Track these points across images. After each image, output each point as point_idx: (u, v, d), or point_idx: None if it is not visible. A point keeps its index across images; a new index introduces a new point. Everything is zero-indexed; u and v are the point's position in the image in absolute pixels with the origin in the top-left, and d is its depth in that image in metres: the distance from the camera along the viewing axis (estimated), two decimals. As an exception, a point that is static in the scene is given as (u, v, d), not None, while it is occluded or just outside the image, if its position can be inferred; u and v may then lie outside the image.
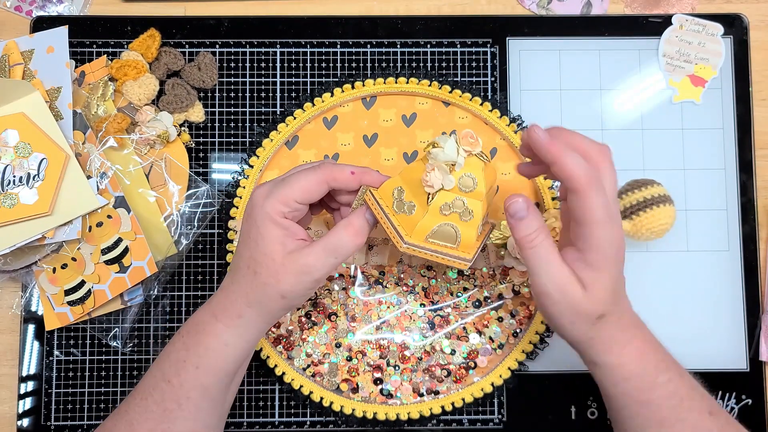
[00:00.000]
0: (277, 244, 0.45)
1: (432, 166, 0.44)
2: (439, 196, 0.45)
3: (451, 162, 0.44)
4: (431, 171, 0.44)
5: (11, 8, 0.64)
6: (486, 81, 0.63)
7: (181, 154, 0.62)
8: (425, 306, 0.60)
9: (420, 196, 0.45)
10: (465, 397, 0.59)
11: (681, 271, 0.62)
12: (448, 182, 0.44)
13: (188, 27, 0.64)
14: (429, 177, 0.44)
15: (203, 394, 0.47)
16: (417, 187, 0.45)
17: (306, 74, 0.63)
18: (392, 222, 0.46)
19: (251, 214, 0.47)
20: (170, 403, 0.47)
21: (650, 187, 0.58)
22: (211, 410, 0.48)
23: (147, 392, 0.48)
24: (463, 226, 0.45)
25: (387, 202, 0.47)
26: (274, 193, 0.46)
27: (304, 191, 0.46)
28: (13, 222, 0.56)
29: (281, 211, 0.46)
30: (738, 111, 0.63)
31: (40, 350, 0.60)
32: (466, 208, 0.45)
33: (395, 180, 0.47)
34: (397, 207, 0.46)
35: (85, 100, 0.61)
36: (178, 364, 0.47)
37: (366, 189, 0.48)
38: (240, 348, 0.48)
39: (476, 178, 0.45)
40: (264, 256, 0.46)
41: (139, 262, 0.58)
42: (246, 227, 0.47)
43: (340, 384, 0.59)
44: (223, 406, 0.50)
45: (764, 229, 0.63)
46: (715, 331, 0.61)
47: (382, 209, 0.46)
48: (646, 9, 0.65)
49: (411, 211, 0.45)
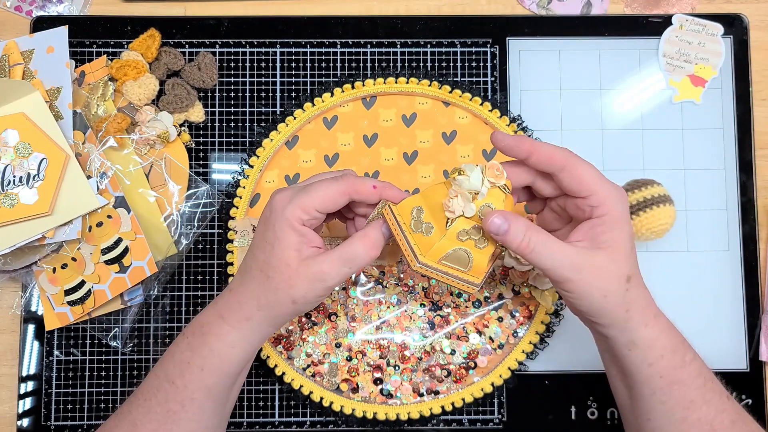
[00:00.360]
0: (293, 250, 0.46)
1: (455, 193, 0.45)
2: (458, 222, 0.45)
3: (474, 191, 0.45)
4: (454, 197, 0.45)
5: (11, 8, 0.64)
6: (486, 81, 0.63)
7: (181, 154, 0.62)
8: (425, 306, 0.60)
9: (439, 219, 0.46)
10: (465, 397, 0.59)
11: (681, 271, 0.62)
12: (469, 210, 0.45)
13: (188, 27, 0.64)
14: (452, 203, 0.45)
15: (207, 395, 0.47)
16: (437, 209, 0.46)
17: (306, 74, 0.63)
18: (408, 240, 0.47)
19: (270, 218, 0.47)
20: (174, 405, 0.47)
21: (650, 187, 0.58)
22: (214, 411, 0.48)
23: (150, 393, 0.48)
24: (476, 253, 0.46)
25: (405, 219, 0.47)
26: (295, 201, 0.46)
27: (326, 201, 0.46)
28: (13, 222, 0.56)
29: (301, 218, 0.46)
30: (738, 111, 0.63)
31: (40, 350, 0.60)
32: (482, 236, 0.46)
33: (416, 199, 0.48)
34: (415, 226, 0.47)
35: (85, 100, 0.61)
36: (182, 365, 0.47)
37: (385, 203, 0.49)
38: (245, 350, 0.48)
39: (495, 208, 0.45)
40: (279, 261, 0.46)
41: (139, 262, 0.58)
42: (262, 230, 0.47)
43: (340, 384, 0.59)
44: (225, 407, 0.50)
45: (764, 229, 0.63)
46: (715, 331, 0.61)
47: (400, 225, 0.47)
48: (646, 9, 0.65)
49: (428, 231, 0.46)
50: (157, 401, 0.47)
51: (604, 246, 0.44)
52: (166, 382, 0.47)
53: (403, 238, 0.47)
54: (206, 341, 0.47)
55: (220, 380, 0.47)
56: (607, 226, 0.45)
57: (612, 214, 0.45)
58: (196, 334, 0.48)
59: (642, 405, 0.48)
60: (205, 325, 0.48)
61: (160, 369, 0.48)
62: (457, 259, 0.46)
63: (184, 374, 0.47)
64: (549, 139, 0.62)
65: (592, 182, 0.45)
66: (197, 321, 0.49)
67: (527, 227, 0.44)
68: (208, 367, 0.47)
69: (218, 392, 0.48)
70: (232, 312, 0.47)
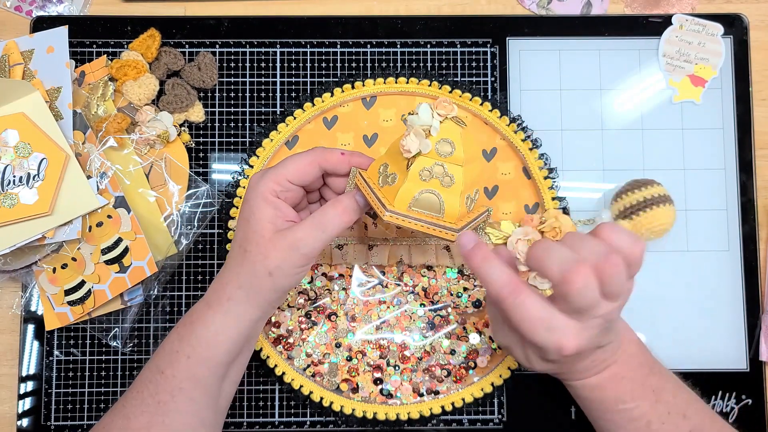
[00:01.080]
0: (267, 222, 0.47)
1: (409, 132, 0.45)
2: (418, 162, 0.44)
3: (426, 126, 0.44)
4: (407, 136, 0.44)
5: (11, 8, 0.64)
6: (486, 81, 0.63)
7: (181, 154, 0.62)
8: (425, 306, 0.60)
9: (401, 167, 0.45)
10: (465, 397, 0.59)
11: (681, 271, 0.62)
12: (425, 146, 0.44)
13: (188, 27, 0.64)
14: (405, 141, 0.44)
15: (196, 384, 0.47)
16: (399, 158, 0.46)
17: (306, 74, 0.63)
18: (377, 195, 0.46)
19: (247, 197, 0.48)
20: (164, 395, 0.47)
21: (650, 187, 0.58)
22: (205, 404, 0.48)
23: (143, 385, 0.48)
24: (445, 194, 0.45)
25: (374, 179, 0.48)
26: (267, 174, 0.48)
27: (297, 171, 0.48)
28: (13, 222, 0.56)
29: (274, 189, 0.47)
30: (738, 111, 0.63)
31: (40, 350, 0.60)
32: (445, 172, 0.45)
33: (381, 158, 0.48)
34: (382, 181, 0.47)
35: (85, 100, 0.61)
36: (171, 355, 0.48)
37: (356, 171, 0.49)
38: (230, 336, 0.47)
39: (455, 143, 0.44)
40: (254, 233, 0.46)
41: (139, 262, 0.58)
42: (241, 210, 0.49)
43: (340, 384, 0.59)
44: (218, 401, 0.49)
45: (764, 229, 0.63)
46: (715, 331, 0.61)
47: (370, 187, 0.47)
48: (646, 9, 0.65)
49: (393, 181, 0.46)
50: (148, 392, 0.47)
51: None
52: (156, 374, 0.48)
53: (373, 196, 0.46)
54: (193, 329, 0.47)
55: (208, 369, 0.47)
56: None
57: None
58: (185, 324, 0.48)
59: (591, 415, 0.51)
60: (194, 314, 0.48)
61: (152, 361, 0.49)
62: (428, 204, 0.45)
63: (172, 364, 0.47)
64: (549, 139, 0.62)
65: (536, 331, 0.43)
66: (188, 312, 0.50)
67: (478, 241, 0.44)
68: (195, 355, 0.47)
69: (207, 382, 0.47)
70: (216, 295, 0.48)
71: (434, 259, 0.61)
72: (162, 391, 0.47)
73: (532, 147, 0.62)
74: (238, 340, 0.48)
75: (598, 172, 0.63)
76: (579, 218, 0.61)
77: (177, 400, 0.47)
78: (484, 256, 0.43)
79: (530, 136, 0.62)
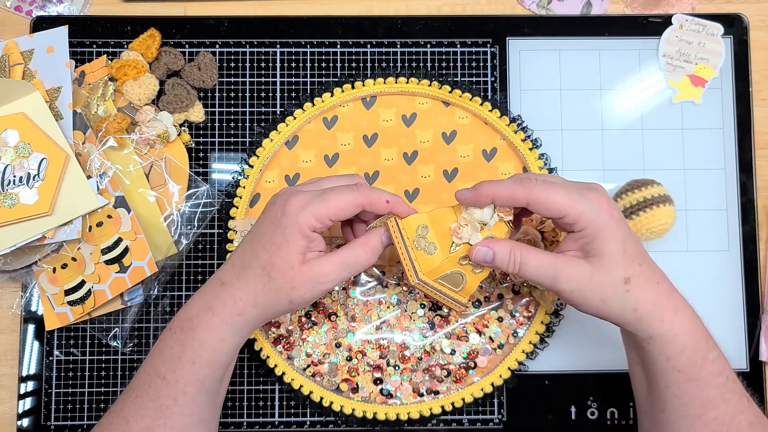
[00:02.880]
0: (299, 254, 0.47)
1: (466, 221, 0.48)
2: (462, 248, 0.48)
3: (483, 222, 0.48)
4: (464, 225, 0.48)
5: (11, 8, 0.64)
6: (486, 81, 0.63)
7: (181, 154, 0.62)
8: (425, 306, 0.60)
9: (443, 241, 0.49)
10: (465, 397, 0.59)
11: (681, 271, 0.62)
12: (475, 238, 0.48)
13: (188, 27, 0.64)
14: (461, 230, 0.48)
15: (200, 388, 0.47)
16: (443, 231, 0.49)
17: (306, 74, 0.63)
18: (410, 254, 0.49)
19: (281, 219, 0.47)
20: (166, 399, 0.47)
21: (650, 187, 0.58)
22: (206, 403, 0.48)
23: (142, 389, 0.48)
24: (471, 276, 0.49)
25: (409, 234, 0.49)
26: (310, 208, 0.46)
27: (341, 210, 0.47)
28: (13, 222, 0.56)
29: (314, 225, 0.47)
30: (738, 111, 0.63)
31: (40, 350, 0.60)
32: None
33: (422, 217, 0.49)
34: (418, 243, 0.49)
35: (85, 100, 0.61)
36: (172, 360, 0.47)
37: (390, 215, 0.50)
38: (235, 343, 0.48)
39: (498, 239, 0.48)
40: (283, 262, 0.46)
41: (139, 262, 0.58)
42: (269, 229, 0.47)
43: (340, 384, 0.59)
44: (217, 398, 0.50)
45: (764, 229, 0.63)
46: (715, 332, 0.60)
47: (403, 239, 0.49)
48: (646, 9, 0.65)
49: (431, 251, 0.49)
50: (149, 397, 0.47)
51: (591, 255, 0.46)
52: (156, 378, 0.47)
53: (405, 252, 0.49)
54: (196, 335, 0.47)
55: (212, 372, 0.47)
56: (589, 238, 0.46)
57: (590, 226, 0.45)
58: (184, 328, 0.48)
59: (657, 396, 0.48)
60: (194, 319, 0.47)
61: (149, 365, 0.48)
62: (452, 280, 0.50)
63: (174, 369, 0.47)
64: (549, 138, 0.62)
65: (562, 205, 0.45)
66: (183, 314, 0.48)
67: (511, 247, 0.46)
68: (200, 360, 0.47)
69: (210, 385, 0.48)
70: (225, 307, 0.47)
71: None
72: (164, 395, 0.47)
73: (532, 147, 0.62)
74: (240, 344, 0.49)
75: (598, 172, 0.63)
76: None
77: (180, 403, 0.47)
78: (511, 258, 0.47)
79: (530, 136, 0.62)
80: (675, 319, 0.46)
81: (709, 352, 0.47)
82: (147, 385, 0.48)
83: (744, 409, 0.47)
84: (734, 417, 0.46)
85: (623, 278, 0.45)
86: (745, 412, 0.47)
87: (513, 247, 0.46)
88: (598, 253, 0.46)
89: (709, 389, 0.46)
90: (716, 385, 0.46)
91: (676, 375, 0.46)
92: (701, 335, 0.47)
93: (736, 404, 0.46)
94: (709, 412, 0.46)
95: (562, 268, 0.46)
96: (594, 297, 0.46)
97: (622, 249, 0.46)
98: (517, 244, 0.46)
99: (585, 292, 0.46)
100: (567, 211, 0.45)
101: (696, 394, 0.46)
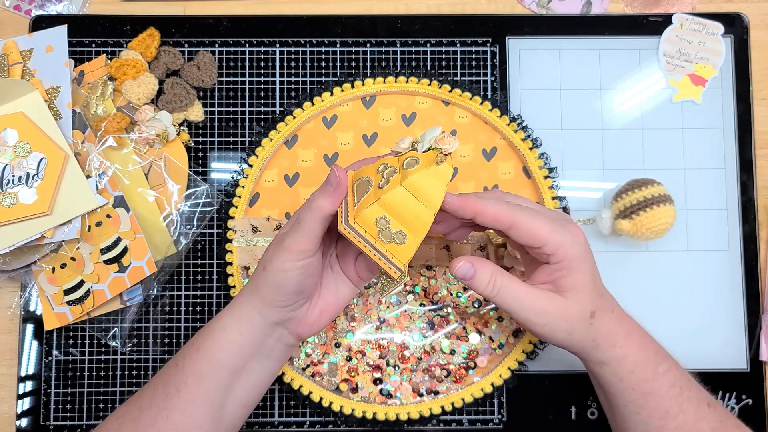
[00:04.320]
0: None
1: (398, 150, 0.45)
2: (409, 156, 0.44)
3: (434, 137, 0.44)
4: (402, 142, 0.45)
5: (10, 7, 0.64)
6: (486, 80, 0.63)
7: (181, 153, 0.62)
8: (425, 306, 0.60)
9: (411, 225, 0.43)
10: (465, 397, 0.59)
11: (681, 271, 0.62)
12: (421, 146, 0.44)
13: (187, 26, 0.63)
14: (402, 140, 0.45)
15: (198, 382, 0.47)
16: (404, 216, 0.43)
17: (306, 74, 0.63)
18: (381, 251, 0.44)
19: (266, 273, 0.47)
20: (172, 387, 0.47)
21: (650, 187, 0.58)
22: (205, 408, 0.47)
23: (159, 377, 0.49)
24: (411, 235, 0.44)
25: (371, 231, 0.44)
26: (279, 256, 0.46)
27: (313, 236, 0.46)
28: (12, 222, 0.56)
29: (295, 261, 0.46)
30: (738, 110, 0.63)
31: (39, 350, 0.60)
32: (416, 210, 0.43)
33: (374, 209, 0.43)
34: (384, 236, 0.44)
35: (85, 99, 0.61)
36: (187, 348, 0.49)
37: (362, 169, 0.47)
38: (235, 338, 0.47)
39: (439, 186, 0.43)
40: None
41: (139, 262, 0.58)
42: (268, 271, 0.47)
43: (340, 384, 0.59)
44: (220, 411, 0.48)
45: (764, 229, 0.62)
46: (715, 331, 0.61)
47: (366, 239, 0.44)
48: (646, 8, 0.65)
49: (401, 240, 0.44)
50: (162, 383, 0.48)
51: (565, 290, 0.46)
52: (172, 366, 0.49)
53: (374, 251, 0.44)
54: (209, 325, 0.49)
55: (212, 368, 0.47)
56: (565, 271, 0.46)
57: (568, 258, 0.46)
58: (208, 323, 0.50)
59: (618, 414, 0.49)
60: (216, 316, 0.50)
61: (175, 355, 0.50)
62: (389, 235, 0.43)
63: (185, 356, 0.48)
64: (549, 138, 0.62)
65: (543, 234, 0.45)
66: None
67: (494, 270, 0.46)
68: (204, 348, 0.48)
69: (209, 385, 0.47)
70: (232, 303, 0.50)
71: (434, 260, 0.60)
72: (172, 383, 0.48)
73: (532, 146, 0.62)
74: (242, 344, 0.48)
75: (598, 172, 0.63)
76: (579, 218, 0.61)
77: (181, 395, 0.47)
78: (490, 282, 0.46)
79: (530, 136, 0.62)
80: (625, 342, 0.47)
81: (659, 365, 0.48)
82: (163, 373, 0.49)
83: (705, 416, 0.48)
84: (695, 425, 0.47)
85: (590, 312, 0.46)
86: (707, 419, 0.47)
87: (495, 272, 0.46)
88: (571, 287, 0.46)
89: (664, 401, 0.47)
90: (671, 397, 0.47)
91: (631, 393, 0.47)
92: (650, 350, 0.48)
93: (694, 412, 0.47)
94: (669, 423, 0.47)
95: (540, 303, 0.46)
96: (562, 330, 0.46)
97: (592, 283, 0.47)
98: (500, 270, 0.46)
99: (554, 326, 0.46)
100: (548, 241, 0.45)
101: (653, 408, 0.47)
